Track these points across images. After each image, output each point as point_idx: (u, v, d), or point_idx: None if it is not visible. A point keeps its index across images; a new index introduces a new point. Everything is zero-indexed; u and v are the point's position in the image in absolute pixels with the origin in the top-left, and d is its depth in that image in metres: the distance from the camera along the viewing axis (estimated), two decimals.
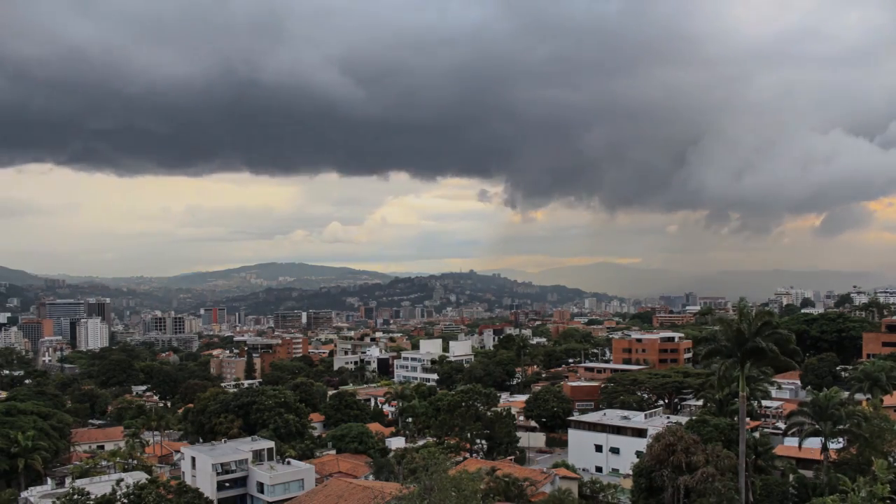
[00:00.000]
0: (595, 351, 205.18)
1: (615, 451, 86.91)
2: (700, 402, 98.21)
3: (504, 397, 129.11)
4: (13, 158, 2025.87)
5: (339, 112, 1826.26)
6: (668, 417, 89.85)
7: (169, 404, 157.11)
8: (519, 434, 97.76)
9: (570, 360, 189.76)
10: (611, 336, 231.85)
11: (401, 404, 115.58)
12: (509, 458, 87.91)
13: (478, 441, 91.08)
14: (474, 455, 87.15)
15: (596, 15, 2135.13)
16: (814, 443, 65.93)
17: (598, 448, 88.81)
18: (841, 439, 65.39)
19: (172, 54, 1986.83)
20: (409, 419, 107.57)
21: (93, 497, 55.25)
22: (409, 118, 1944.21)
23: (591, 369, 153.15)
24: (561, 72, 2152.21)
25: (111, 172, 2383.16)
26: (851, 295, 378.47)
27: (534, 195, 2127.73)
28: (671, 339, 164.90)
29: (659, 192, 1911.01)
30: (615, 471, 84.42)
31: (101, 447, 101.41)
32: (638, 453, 70.89)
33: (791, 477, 63.21)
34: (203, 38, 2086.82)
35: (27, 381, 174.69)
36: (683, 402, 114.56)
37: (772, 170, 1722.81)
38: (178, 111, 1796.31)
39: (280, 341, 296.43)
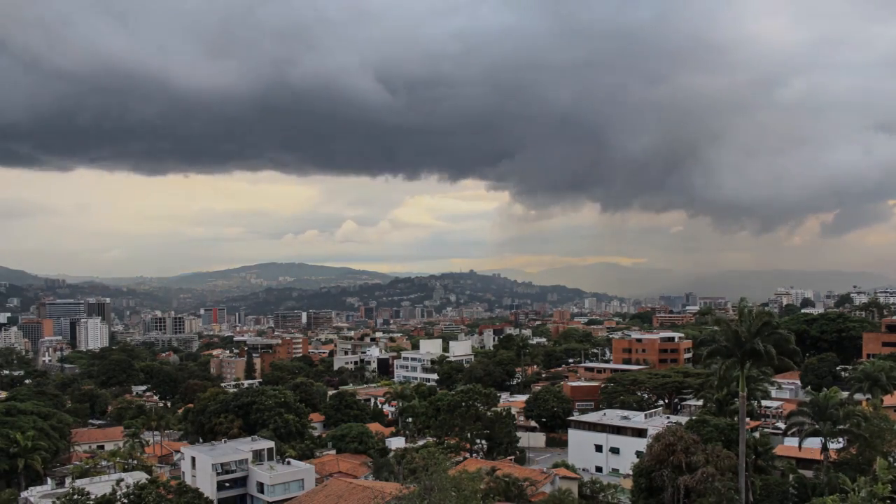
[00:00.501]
0: (595, 351, 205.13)
1: (615, 451, 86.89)
2: (700, 402, 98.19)
3: (504, 397, 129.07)
4: (45, 161, 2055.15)
5: (364, 114, 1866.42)
6: (668, 417, 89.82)
7: (169, 404, 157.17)
8: (519, 434, 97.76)
9: (570, 360, 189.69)
10: (611, 336, 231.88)
11: (401, 404, 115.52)
12: (509, 458, 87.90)
13: (478, 441, 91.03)
14: (474, 455, 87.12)
15: (621, 21, 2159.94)
16: (814, 443, 65.87)
17: (598, 448, 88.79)
18: (841, 439, 65.32)
19: (208, 60, 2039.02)
20: (409, 419, 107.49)
21: (93, 497, 55.25)
22: (431, 122, 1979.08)
23: (591, 369, 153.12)
24: (580, 74, 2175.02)
25: (136, 172, 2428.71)
26: (851, 295, 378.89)
27: (544, 196, 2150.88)
28: (671, 339, 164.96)
29: (670, 193, 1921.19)
30: (615, 471, 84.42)
31: (101, 447, 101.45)
32: (638, 453, 70.91)
33: (791, 477, 63.16)
34: (239, 44, 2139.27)
35: (27, 381, 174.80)
36: (683, 402, 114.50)
37: (784, 171, 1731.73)
38: (211, 112, 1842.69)
39: (280, 341, 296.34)
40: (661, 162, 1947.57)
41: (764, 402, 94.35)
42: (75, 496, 55.28)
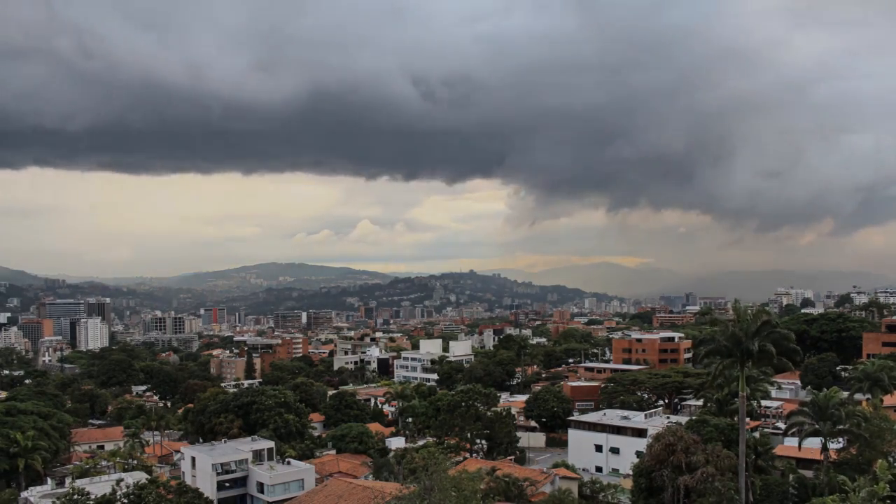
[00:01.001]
0: (595, 351, 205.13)
1: (615, 451, 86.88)
2: (700, 402, 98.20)
3: (504, 397, 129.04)
4: (68, 162, 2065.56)
5: (390, 117, 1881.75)
6: (668, 417, 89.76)
7: (169, 404, 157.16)
8: (519, 434, 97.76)
9: (570, 360, 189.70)
10: (611, 336, 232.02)
11: (401, 404, 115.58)
12: (509, 458, 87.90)
13: (478, 441, 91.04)
14: (474, 455, 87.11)
15: (646, 25, 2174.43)
16: (814, 443, 65.83)
17: (598, 448, 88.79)
18: (841, 439, 65.31)
19: (246, 67, 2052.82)
20: (409, 419, 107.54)
21: (93, 497, 55.25)
22: (456, 124, 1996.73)
23: (591, 369, 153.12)
24: (599, 76, 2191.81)
25: (153, 173, 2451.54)
26: (851, 295, 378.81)
27: (556, 195, 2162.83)
28: (671, 339, 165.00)
29: (678, 193, 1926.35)
30: (615, 471, 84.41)
31: (101, 447, 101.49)
32: (638, 453, 70.90)
33: (791, 477, 63.14)
34: (265, 47, 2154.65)
35: (27, 381, 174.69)
36: (683, 402, 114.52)
37: (796, 170, 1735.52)
38: (244, 115, 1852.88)
39: (280, 341, 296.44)
40: (671, 163, 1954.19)
41: (764, 402, 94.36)
42: (75, 496, 55.29)
